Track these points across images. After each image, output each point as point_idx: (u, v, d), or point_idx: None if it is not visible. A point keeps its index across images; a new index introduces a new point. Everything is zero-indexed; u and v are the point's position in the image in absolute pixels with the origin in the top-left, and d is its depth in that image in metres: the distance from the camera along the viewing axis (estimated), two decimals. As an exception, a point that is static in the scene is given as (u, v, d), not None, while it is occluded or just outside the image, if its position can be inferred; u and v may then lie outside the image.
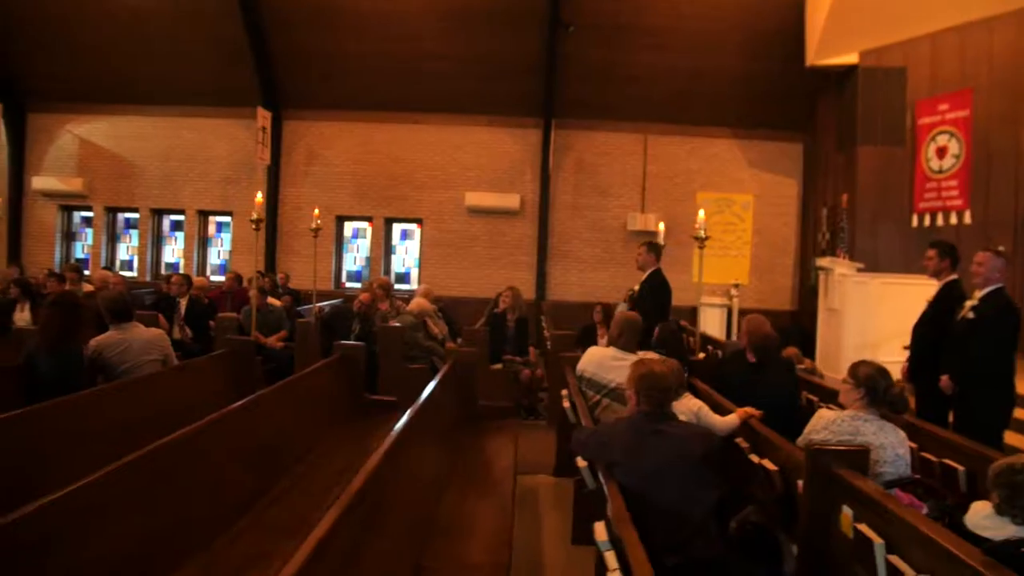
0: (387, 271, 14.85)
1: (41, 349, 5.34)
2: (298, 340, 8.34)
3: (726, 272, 14.67)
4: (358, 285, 14.43)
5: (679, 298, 12.47)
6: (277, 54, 13.73)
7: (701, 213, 7.82)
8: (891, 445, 3.75)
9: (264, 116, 13.68)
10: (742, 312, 13.82)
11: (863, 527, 3.13)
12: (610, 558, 2.76)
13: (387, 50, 13.49)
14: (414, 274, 14.92)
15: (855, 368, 3.94)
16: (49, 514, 2.61)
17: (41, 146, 15.02)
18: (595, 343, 8.82)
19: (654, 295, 7.45)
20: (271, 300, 10.10)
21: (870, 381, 3.84)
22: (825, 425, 3.93)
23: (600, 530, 2.99)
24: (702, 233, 7.57)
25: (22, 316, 8.88)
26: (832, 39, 12.50)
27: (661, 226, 10.04)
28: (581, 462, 4.02)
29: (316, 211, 9.16)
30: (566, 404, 5.60)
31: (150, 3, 13.07)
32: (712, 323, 13.52)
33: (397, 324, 8.50)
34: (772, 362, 5.66)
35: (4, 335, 8.62)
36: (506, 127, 14.53)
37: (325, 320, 8.54)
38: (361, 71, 13.85)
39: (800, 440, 4.11)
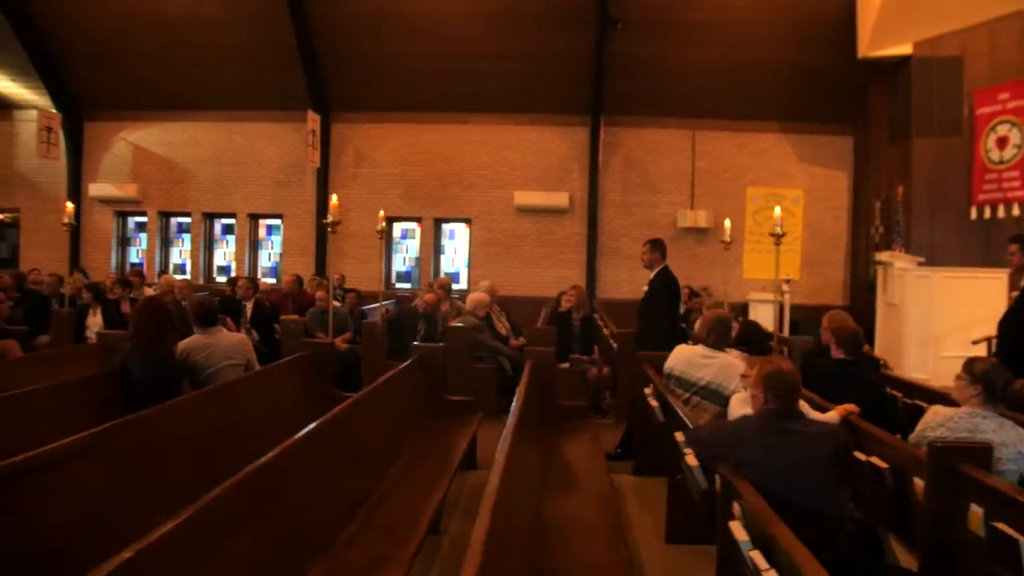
0: (436, 271, 14.93)
1: (134, 354, 5.46)
2: (365, 341, 8.41)
3: (774, 268, 14.51)
4: (408, 286, 14.56)
5: (729, 294, 12.54)
6: (325, 57, 13.87)
7: (777, 210, 7.80)
8: (1012, 443, 3.69)
9: (314, 119, 13.82)
10: (794, 308, 13.71)
11: (1001, 525, 3.09)
12: (757, 557, 2.75)
13: (434, 51, 13.55)
14: (463, 274, 14.99)
15: (971, 364, 3.90)
16: (174, 541, 2.52)
17: (97, 154, 15.35)
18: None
19: (663, 293, 7.25)
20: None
21: (987, 377, 3.80)
22: (941, 422, 3.89)
23: (738, 529, 2.99)
24: (778, 230, 7.49)
25: (95, 320, 9.08)
26: (885, 30, 12.32)
27: (727, 223, 9.89)
28: (692, 461, 4.01)
29: (381, 213, 9.19)
30: (653, 403, 5.59)
31: (202, 11, 13.26)
32: (762, 319, 13.38)
33: (461, 324, 8.55)
34: (860, 358, 5.61)
35: (79, 341, 8.84)
36: (553, 125, 14.55)
37: (392, 321, 8.61)
38: (408, 72, 13.94)
39: (913, 437, 4.07)
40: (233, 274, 15.17)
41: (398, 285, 14.92)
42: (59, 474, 3.45)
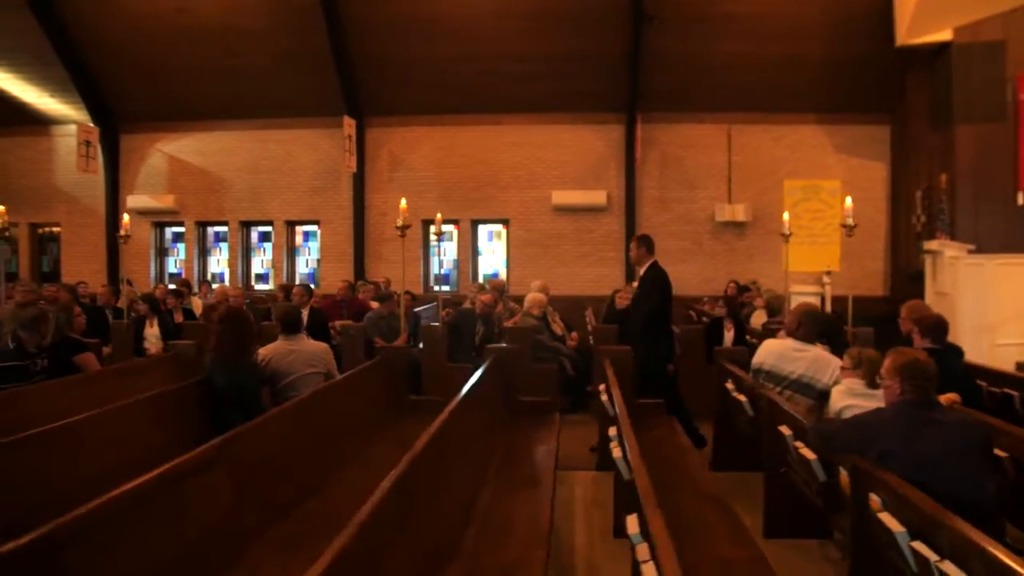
0: (475, 273, 14.93)
1: (216, 365, 5.48)
2: (427, 344, 8.40)
3: (815, 259, 14.42)
4: (447, 288, 14.55)
5: (769, 287, 12.46)
6: (359, 63, 13.88)
7: (849, 200, 7.65)
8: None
9: (350, 124, 13.85)
10: (835, 299, 13.61)
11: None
12: (922, 547, 2.71)
13: (467, 53, 13.54)
14: (502, 275, 14.97)
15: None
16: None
17: (133, 166, 15.44)
18: (722, 335, 8.84)
19: (655, 289, 7.16)
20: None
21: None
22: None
23: (891, 520, 2.95)
24: (850, 221, 7.42)
25: (152, 331, 9.13)
26: (924, 17, 12.20)
27: (786, 216, 9.79)
28: (810, 454, 3.98)
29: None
30: (741, 398, 5.56)
31: (238, 22, 13.29)
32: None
33: (520, 325, 8.53)
34: (947, 346, 5.56)
35: (138, 352, 8.89)
36: (588, 123, 14.52)
37: (452, 323, 8.60)
38: (442, 75, 13.94)
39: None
40: (271, 282, 15.25)
41: (437, 288, 14.89)
42: (191, 485, 3.45)
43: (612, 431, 4.56)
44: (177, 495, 3.34)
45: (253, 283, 15.28)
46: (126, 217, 9.51)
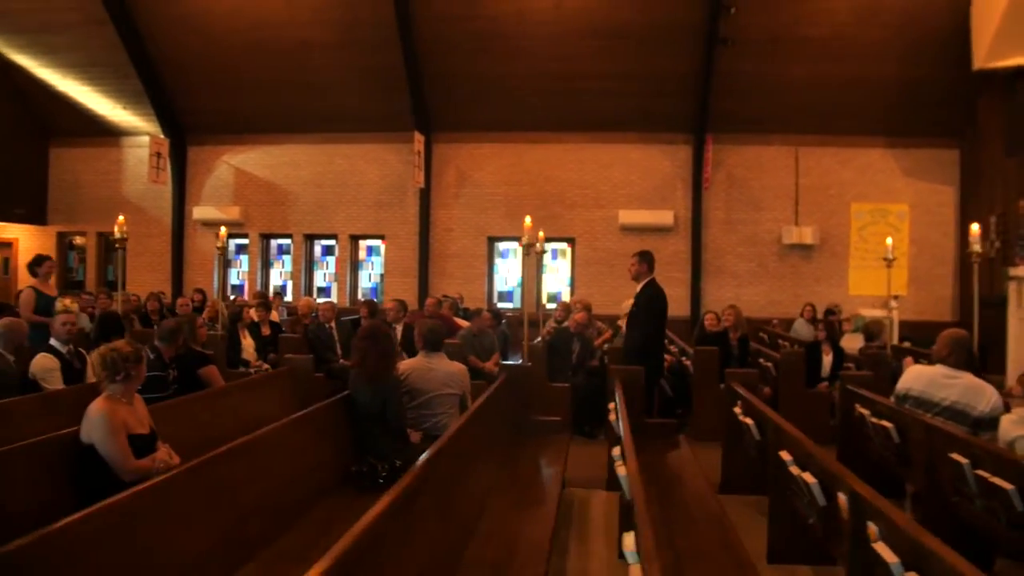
0: (539, 292, 14.90)
1: (359, 381, 5.47)
2: (533, 362, 8.35)
3: (882, 283, 14.29)
4: (510, 305, 14.55)
5: (854, 311, 12.37)
6: (429, 79, 13.99)
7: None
8: None
9: (419, 140, 13.94)
10: (903, 324, 13.49)
11: None
12: None
13: (539, 71, 13.63)
14: (565, 293, 14.96)
15: None
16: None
17: (200, 178, 15.62)
18: (820, 360, 8.75)
19: (649, 307, 7.14)
20: (460, 321, 10.27)
21: None
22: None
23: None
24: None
25: (248, 343, 9.18)
26: (1005, 40, 12.08)
27: (889, 241, 9.60)
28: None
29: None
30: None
31: (314, 36, 13.46)
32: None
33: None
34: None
35: (232, 364, 8.90)
36: (656, 143, 14.53)
37: (549, 343, 8.58)
38: (512, 92, 14.03)
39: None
40: (333, 295, 15.31)
41: (500, 305, 14.91)
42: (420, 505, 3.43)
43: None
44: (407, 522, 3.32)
45: (315, 296, 15.30)
46: (223, 230, 9.52)
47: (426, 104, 14.32)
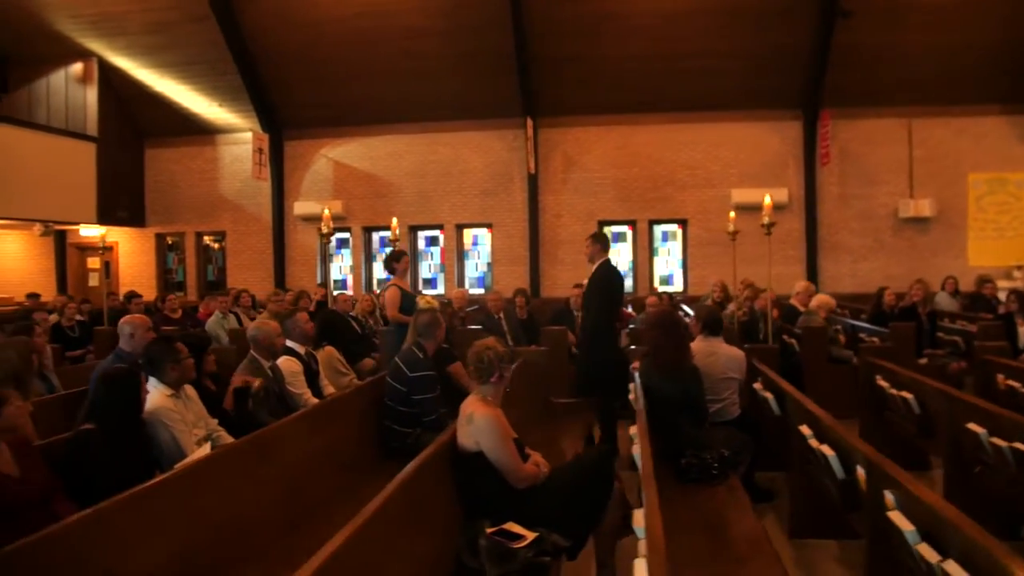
0: (651, 275, 14.77)
1: (654, 371, 5.35)
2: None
3: (1003, 254, 14.11)
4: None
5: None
6: (536, 63, 13.75)
7: None
8: None
9: (529, 125, 13.74)
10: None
11: None
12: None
13: (649, 51, 13.38)
14: (677, 276, 14.79)
15: None
16: None
17: (298, 173, 15.46)
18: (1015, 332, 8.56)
19: (598, 287, 6.77)
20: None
21: None
22: None
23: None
24: None
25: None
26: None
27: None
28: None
29: (732, 213, 8.87)
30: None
31: (423, 23, 13.24)
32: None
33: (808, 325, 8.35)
34: None
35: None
36: (766, 120, 14.29)
37: (746, 323, 8.45)
38: (619, 74, 13.79)
39: None
40: (440, 286, 15.18)
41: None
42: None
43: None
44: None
45: (420, 288, 15.17)
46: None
47: (532, 89, 14.09)
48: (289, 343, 6.27)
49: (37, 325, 6.58)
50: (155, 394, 4.45)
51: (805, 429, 4.63)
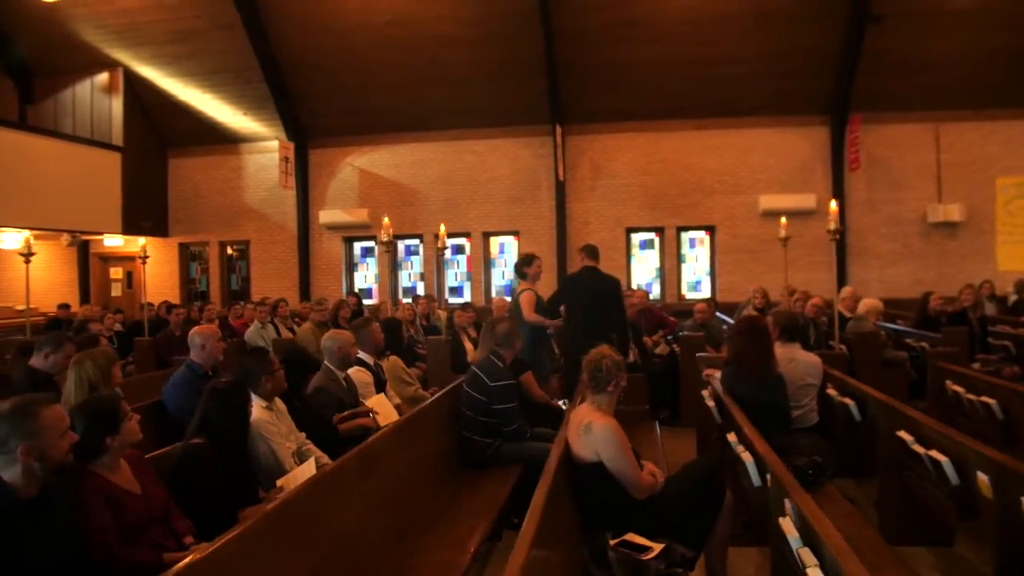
0: (679, 281, 14.73)
1: (737, 378, 5.31)
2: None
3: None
4: (653, 296, 14.33)
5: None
6: (564, 70, 13.74)
7: None
8: None
9: (558, 133, 13.73)
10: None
11: None
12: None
13: (677, 57, 13.38)
14: (705, 282, 14.76)
15: None
16: None
17: (323, 181, 15.42)
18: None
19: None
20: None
21: None
22: None
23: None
24: None
25: (469, 347, 9.02)
26: None
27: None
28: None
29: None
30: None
31: (451, 31, 13.24)
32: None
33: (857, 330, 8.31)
34: None
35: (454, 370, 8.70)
36: (794, 126, 14.28)
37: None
38: (647, 80, 13.79)
39: None
40: (466, 294, 15.12)
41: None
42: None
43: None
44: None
45: (447, 296, 15.11)
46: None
47: (560, 96, 14.07)
48: (360, 354, 6.20)
49: (101, 336, 6.50)
50: (252, 407, 4.39)
51: (905, 435, 4.55)
